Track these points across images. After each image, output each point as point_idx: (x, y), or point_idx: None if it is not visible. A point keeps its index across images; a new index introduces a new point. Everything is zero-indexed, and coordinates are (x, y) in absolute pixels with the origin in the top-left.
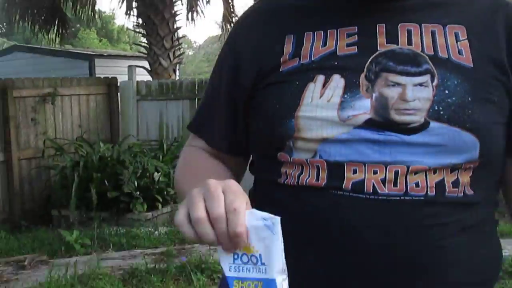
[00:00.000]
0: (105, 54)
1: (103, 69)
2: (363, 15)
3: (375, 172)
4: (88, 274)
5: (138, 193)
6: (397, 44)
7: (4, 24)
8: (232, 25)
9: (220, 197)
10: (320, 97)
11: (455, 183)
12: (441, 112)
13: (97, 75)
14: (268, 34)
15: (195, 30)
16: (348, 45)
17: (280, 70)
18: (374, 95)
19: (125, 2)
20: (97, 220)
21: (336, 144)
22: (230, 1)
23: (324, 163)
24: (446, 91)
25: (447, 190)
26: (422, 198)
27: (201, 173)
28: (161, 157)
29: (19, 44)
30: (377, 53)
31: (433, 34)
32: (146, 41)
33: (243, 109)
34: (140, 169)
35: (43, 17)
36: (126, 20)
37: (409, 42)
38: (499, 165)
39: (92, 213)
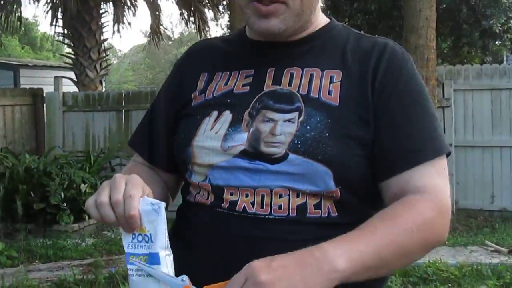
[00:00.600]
0: (30, 64)
1: (28, 79)
2: (260, 59)
3: (246, 195)
4: (16, 286)
5: (65, 204)
6: (280, 85)
7: None
8: (158, 35)
9: (121, 186)
10: (211, 129)
11: (317, 206)
12: (299, 146)
13: (22, 85)
14: (192, 70)
15: (120, 39)
16: (243, 85)
17: (192, 104)
18: (251, 129)
19: (50, 12)
20: (23, 232)
21: (220, 170)
22: (157, 13)
23: (209, 186)
24: (308, 127)
25: (308, 212)
26: (284, 217)
27: None
28: (87, 168)
29: None
30: (262, 92)
31: (311, 76)
32: (73, 52)
33: (171, 132)
34: (67, 181)
35: None
36: (50, 28)
37: (290, 84)
38: (364, 191)
39: (18, 225)
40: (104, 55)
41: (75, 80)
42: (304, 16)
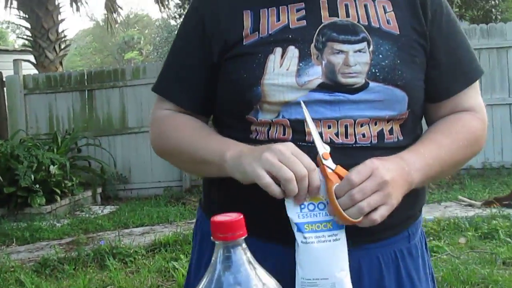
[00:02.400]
0: None
1: None
2: None
3: (329, 127)
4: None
5: (37, 186)
6: (338, 17)
7: None
8: (113, 15)
9: (297, 160)
10: (280, 66)
11: (391, 131)
12: (377, 74)
13: None
14: (229, 8)
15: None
16: (298, 19)
17: (244, 43)
18: (323, 62)
19: None
20: None
21: (296, 106)
22: None
23: (287, 121)
24: (380, 56)
25: (385, 138)
26: (368, 145)
27: (201, 133)
28: (55, 149)
29: None
30: (322, 25)
31: (365, 7)
32: (30, 34)
33: (211, 74)
34: (36, 163)
35: None
36: (5, 11)
37: (347, 14)
38: (420, 113)
39: None
40: (63, 35)
41: (35, 62)
42: None
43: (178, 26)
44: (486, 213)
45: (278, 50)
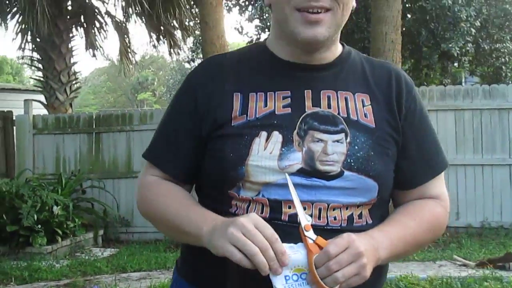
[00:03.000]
0: None
1: None
2: (295, 81)
3: (304, 208)
4: None
5: (39, 226)
6: (320, 107)
7: None
8: (128, 59)
9: (258, 233)
10: (264, 149)
11: (360, 215)
12: (352, 164)
13: None
14: (221, 89)
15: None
16: (284, 106)
17: (232, 124)
18: (304, 149)
19: (19, 35)
20: None
21: (275, 187)
22: (126, 36)
23: (266, 200)
24: (356, 147)
25: (355, 221)
26: (338, 227)
27: (182, 202)
28: (59, 190)
29: None
30: (305, 114)
31: (346, 99)
32: (42, 75)
33: (198, 147)
34: (39, 203)
35: None
36: (18, 52)
37: (329, 106)
38: (388, 198)
39: None
40: (74, 78)
41: (45, 103)
42: (339, 27)
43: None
44: (479, 274)
45: (264, 134)
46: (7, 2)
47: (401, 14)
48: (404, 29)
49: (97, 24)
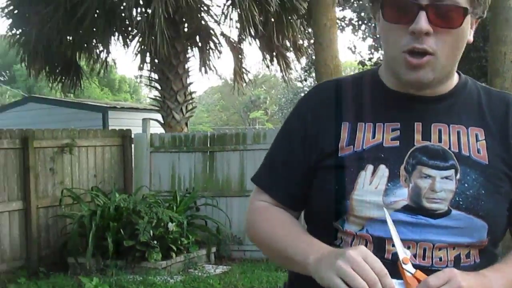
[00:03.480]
0: (118, 107)
1: (115, 121)
2: (404, 113)
3: (408, 247)
4: None
5: (154, 242)
6: (430, 141)
7: (7, 72)
8: (241, 78)
9: (368, 267)
10: (370, 184)
11: (468, 255)
12: (461, 203)
13: (110, 127)
14: (330, 117)
15: (195, 81)
16: (392, 139)
17: (339, 154)
18: (410, 185)
19: (139, 56)
20: (113, 268)
21: (379, 223)
22: (240, 56)
23: (370, 237)
24: (466, 185)
25: (462, 261)
26: (444, 268)
27: (290, 229)
28: (174, 207)
29: (34, 95)
30: (414, 148)
31: (458, 134)
32: (160, 95)
33: (307, 175)
34: (155, 219)
35: (59, 69)
36: (126, 71)
37: (439, 140)
38: (500, 237)
39: (108, 261)
40: (190, 98)
41: (162, 122)
42: (448, 68)
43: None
44: None
45: (370, 168)
46: (127, 23)
47: None
48: None
49: (212, 45)
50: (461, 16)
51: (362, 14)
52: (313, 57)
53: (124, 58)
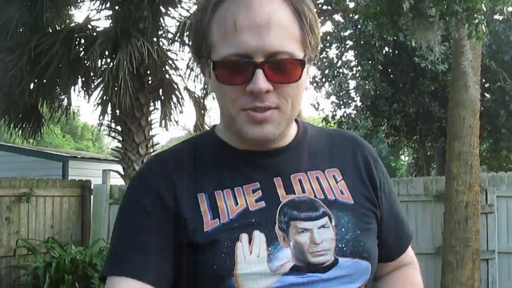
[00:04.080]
0: (78, 156)
1: (75, 171)
2: (260, 171)
3: None
4: None
5: None
6: (294, 193)
7: None
8: (201, 128)
9: None
10: (250, 253)
11: None
12: (344, 249)
13: (70, 176)
14: (181, 189)
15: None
16: (256, 200)
17: (205, 230)
18: (291, 243)
19: (100, 107)
20: None
21: None
22: (203, 112)
23: None
24: (343, 229)
25: None
26: None
27: None
28: None
29: None
30: (281, 204)
31: (318, 179)
32: (121, 146)
33: (174, 252)
34: None
35: (20, 116)
36: (98, 122)
37: (303, 190)
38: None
39: None
40: (152, 150)
41: (123, 173)
42: (292, 120)
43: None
44: None
45: (245, 237)
46: (91, 73)
47: (479, 97)
48: (482, 109)
49: (175, 99)
50: (299, 68)
51: (326, 71)
52: None
53: (88, 104)
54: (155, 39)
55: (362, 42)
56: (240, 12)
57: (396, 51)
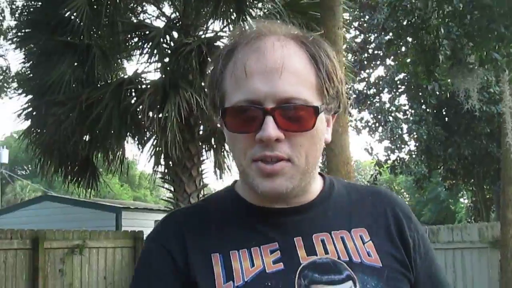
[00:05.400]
0: (131, 207)
1: (129, 221)
2: (279, 230)
3: None
4: None
5: None
6: (316, 255)
7: (29, 166)
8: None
9: None
10: None
11: None
12: None
13: (123, 227)
14: (196, 249)
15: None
16: (274, 262)
17: None
18: None
19: (153, 158)
20: None
21: None
22: None
23: None
24: None
25: None
26: None
27: None
28: None
29: (49, 194)
30: (301, 266)
31: (343, 240)
32: (173, 197)
33: None
34: None
35: (75, 169)
36: (147, 167)
37: (326, 251)
38: None
39: None
40: None
41: None
42: (309, 174)
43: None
44: None
45: None
46: (142, 124)
47: None
48: None
49: (226, 147)
50: (313, 116)
51: (379, 116)
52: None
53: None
54: (203, 90)
55: (413, 86)
56: (251, 57)
57: (449, 94)
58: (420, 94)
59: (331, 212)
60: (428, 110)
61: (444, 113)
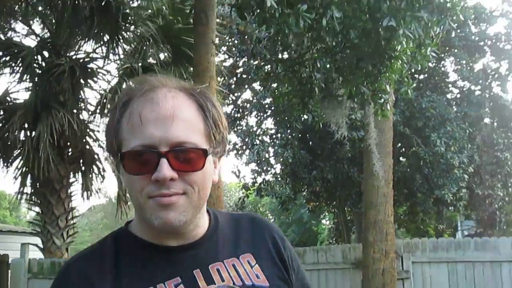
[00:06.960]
0: None
1: None
2: (180, 265)
3: None
4: None
5: None
6: (214, 283)
7: None
8: (126, 202)
9: None
10: None
11: None
12: None
13: None
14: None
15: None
16: None
17: None
18: None
19: (19, 178)
20: None
21: None
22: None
23: None
24: None
25: None
26: None
27: None
28: None
29: None
30: None
31: (234, 267)
32: (40, 219)
33: None
34: None
35: None
36: (18, 195)
37: (222, 279)
38: None
39: None
40: (72, 223)
41: (42, 247)
42: (199, 208)
43: None
44: None
45: None
46: (9, 143)
47: (392, 167)
48: (399, 173)
49: (96, 170)
50: (203, 158)
51: (246, 139)
52: None
53: (5, 173)
54: (75, 111)
55: (280, 110)
56: (146, 106)
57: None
58: (286, 118)
59: (220, 243)
60: (293, 134)
61: (308, 137)
